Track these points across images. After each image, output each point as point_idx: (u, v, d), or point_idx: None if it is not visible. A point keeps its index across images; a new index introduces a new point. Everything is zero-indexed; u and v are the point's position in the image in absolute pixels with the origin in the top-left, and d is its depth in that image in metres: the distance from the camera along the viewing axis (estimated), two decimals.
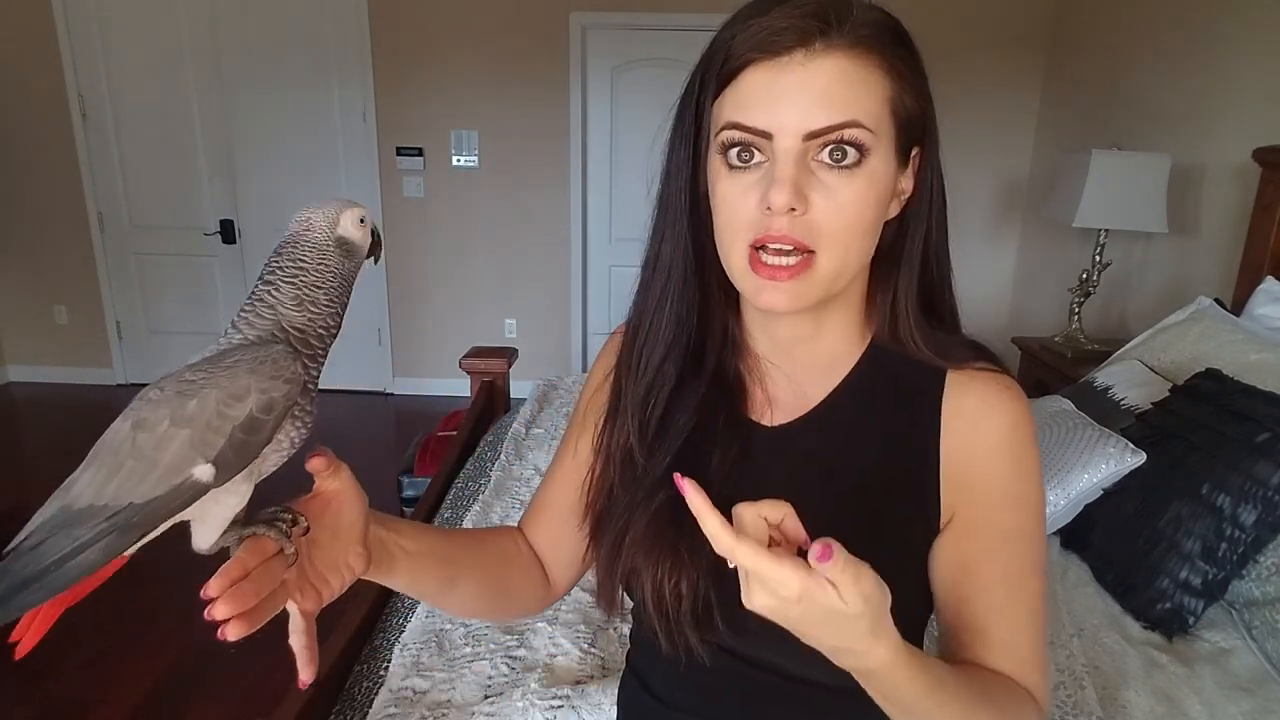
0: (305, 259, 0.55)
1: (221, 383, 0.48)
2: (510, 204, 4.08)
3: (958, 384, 0.64)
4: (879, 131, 0.55)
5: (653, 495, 0.64)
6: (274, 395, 0.49)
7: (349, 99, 3.95)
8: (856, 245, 0.58)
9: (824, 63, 0.54)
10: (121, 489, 0.47)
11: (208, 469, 0.48)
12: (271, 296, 0.54)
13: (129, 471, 0.48)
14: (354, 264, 0.58)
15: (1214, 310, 1.87)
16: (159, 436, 0.48)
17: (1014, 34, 3.63)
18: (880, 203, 0.57)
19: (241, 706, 1.91)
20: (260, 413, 0.49)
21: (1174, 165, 2.39)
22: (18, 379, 4.36)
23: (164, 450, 0.48)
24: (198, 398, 0.48)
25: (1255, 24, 2.28)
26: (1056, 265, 3.38)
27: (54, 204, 4.09)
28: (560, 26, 3.82)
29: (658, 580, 0.62)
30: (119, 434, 0.49)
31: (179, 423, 0.48)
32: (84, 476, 0.49)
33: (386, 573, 0.62)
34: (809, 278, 0.57)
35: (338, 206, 0.57)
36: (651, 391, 0.67)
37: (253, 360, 0.49)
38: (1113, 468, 1.40)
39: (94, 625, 2.23)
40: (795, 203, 0.54)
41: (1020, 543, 0.63)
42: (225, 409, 0.48)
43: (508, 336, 4.24)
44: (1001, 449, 0.62)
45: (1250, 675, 1.18)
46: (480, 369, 2.36)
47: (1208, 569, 1.27)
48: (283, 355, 0.50)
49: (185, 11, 3.84)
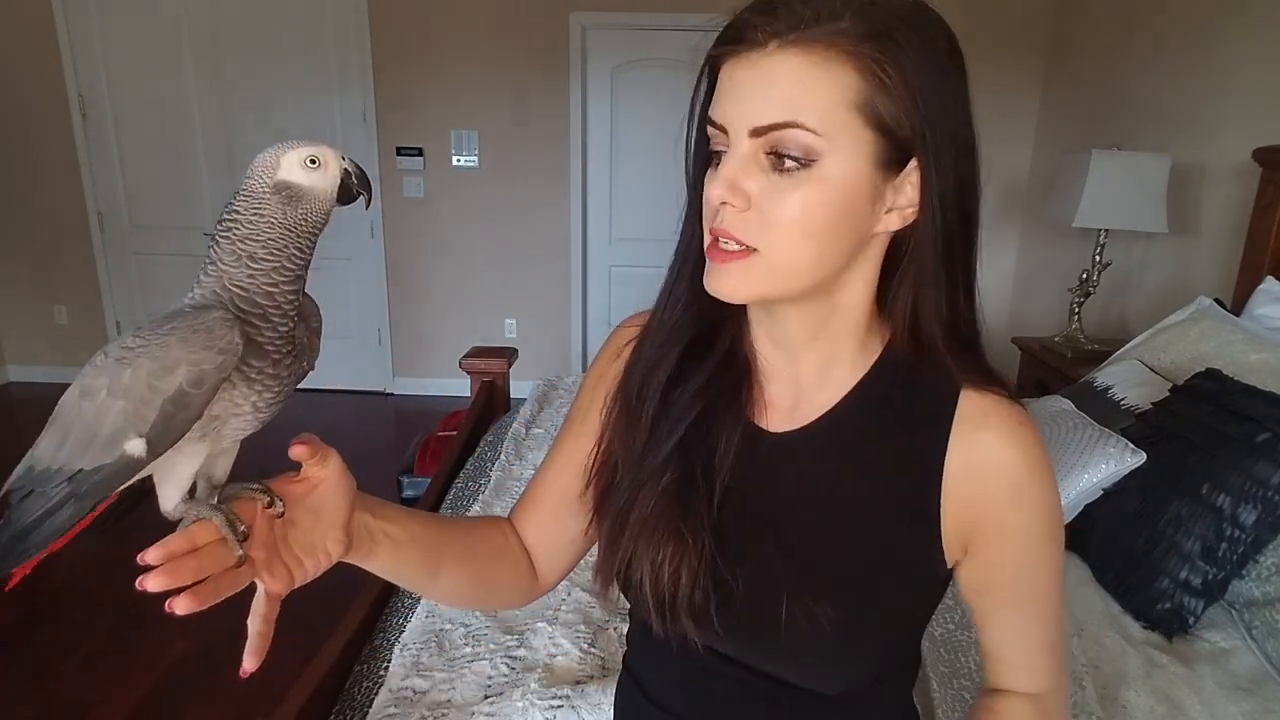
0: (239, 210, 0.51)
1: (155, 353, 0.47)
2: (510, 204, 4.08)
3: (970, 413, 0.61)
4: (831, 134, 0.52)
5: (658, 476, 0.64)
6: (205, 368, 0.46)
7: (349, 99, 3.96)
8: (805, 246, 0.55)
9: (777, 59, 0.52)
10: (71, 455, 0.48)
11: (139, 444, 0.47)
12: (213, 253, 0.51)
13: (76, 438, 0.48)
14: (301, 211, 0.52)
15: (1214, 310, 1.87)
16: (98, 406, 0.47)
17: (1014, 34, 3.63)
18: (841, 208, 0.54)
19: (241, 706, 1.91)
20: (190, 386, 0.46)
21: (1174, 165, 2.39)
22: (18, 379, 4.36)
23: (102, 421, 0.47)
24: (132, 367, 0.47)
25: (1255, 24, 2.28)
26: (1056, 265, 3.38)
27: (54, 204, 4.09)
28: (560, 26, 3.82)
29: (658, 563, 0.62)
30: (69, 398, 0.49)
31: (115, 393, 0.47)
32: (44, 438, 0.49)
33: (366, 558, 0.62)
34: (750, 268, 0.56)
35: (283, 147, 0.52)
36: (655, 368, 0.67)
37: (186, 329, 0.47)
38: (1113, 468, 1.40)
39: (94, 625, 2.23)
40: (729, 198, 0.54)
41: (1035, 570, 0.65)
42: (155, 381, 0.46)
43: (508, 336, 4.24)
44: (1018, 487, 0.61)
45: (1250, 675, 1.18)
46: (480, 369, 2.36)
47: (1208, 569, 1.27)
48: (218, 323, 0.47)
49: (185, 11, 3.84)
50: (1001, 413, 0.61)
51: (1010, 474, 0.61)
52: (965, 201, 0.57)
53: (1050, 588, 0.65)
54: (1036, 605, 0.66)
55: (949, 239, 0.57)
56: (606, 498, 0.69)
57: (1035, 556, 0.64)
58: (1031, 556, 0.64)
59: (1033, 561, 0.64)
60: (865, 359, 0.64)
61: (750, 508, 0.64)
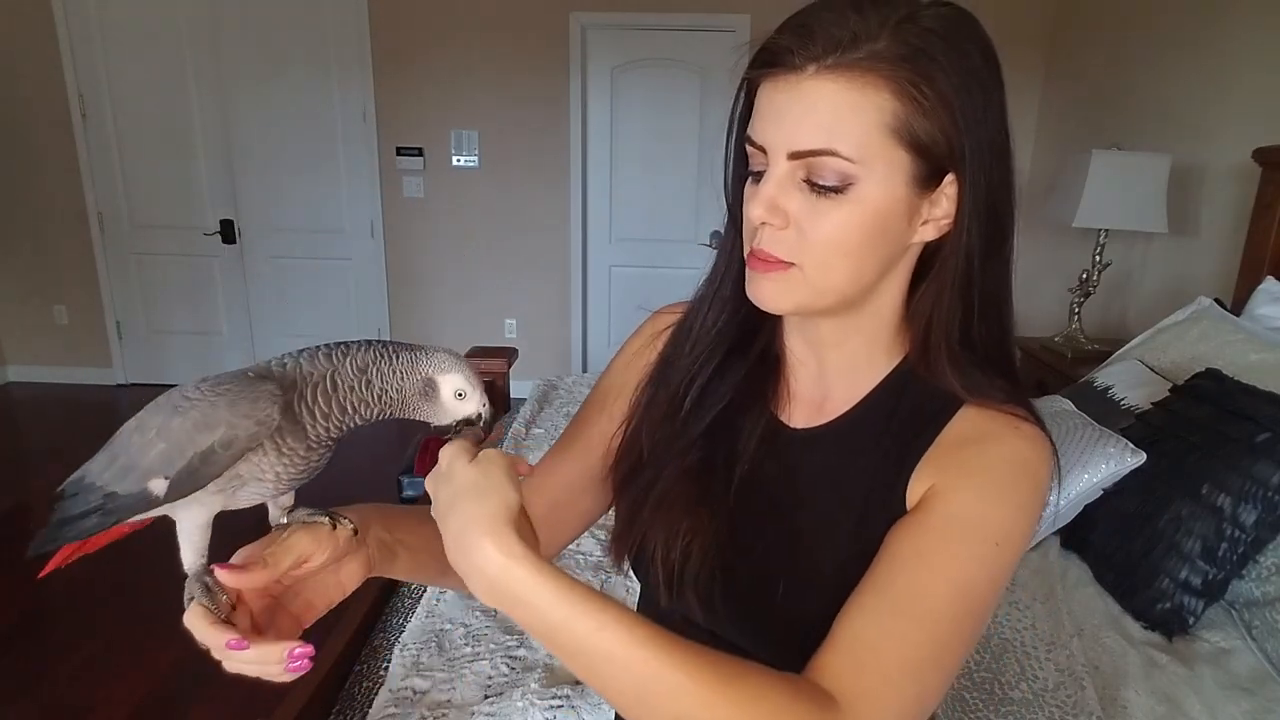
0: (387, 373, 0.55)
1: (203, 409, 0.51)
2: (510, 204, 4.08)
3: (963, 428, 0.60)
4: (866, 160, 0.53)
5: (685, 454, 0.67)
6: (238, 433, 0.51)
7: (349, 99, 3.95)
8: (842, 265, 0.57)
9: (815, 84, 0.52)
10: (112, 477, 0.53)
11: (162, 484, 0.51)
12: (331, 360, 0.55)
13: (120, 465, 0.53)
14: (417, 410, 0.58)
15: (1214, 310, 1.87)
16: (145, 442, 0.52)
17: (1013, 34, 3.63)
18: (876, 228, 0.56)
19: (241, 706, 1.91)
20: (220, 447, 0.51)
21: (1174, 165, 2.39)
22: (18, 379, 4.36)
23: (144, 455, 0.52)
24: (181, 416, 0.51)
25: (1255, 24, 2.28)
26: (1056, 265, 3.38)
27: (54, 204, 4.09)
28: (560, 26, 3.82)
29: (672, 538, 0.64)
30: (128, 428, 0.54)
31: (163, 435, 0.51)
32: (100, 455, 0.55)
33: (386, 570, 0.65)
34: (790, 281, 0.58)
35: (459, 363, 0.58)
36: (699, 362, 0.69)
37: (236, 394, 0.51)
38: (1113, 468, 1.40)
39: (94, 625, 2.23)
40: (769, 218, 0.56)
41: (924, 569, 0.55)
42: (195, 434, 0.51)
43: (508, 336, 4.23)
44: (987, 472, 0.57)
45: (1250, 675, 1.18)
46: (480, 369, 2.36)
47: (1208, 569, 1.27)
48: (265, 396, 0.51)
49: (185, 11, 3.84)
50: (1006, 420, 0.59)
51: (982, 460, 0.58)
52: (999, 210, 0.58)
53: (933, 600, 0.54)
54: (900, 603, 0.54)
55: (982, 249, 0.58)
56: (629, 478, 0.71)
57: (936, 556, 0.55)
58: (931, 553, 0.55)
59: (929, 558, 0.55)
60: (888, 363, 0.65)
61: (764, 497, 0.66)
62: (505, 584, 0.48)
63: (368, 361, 0.55)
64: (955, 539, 0.56)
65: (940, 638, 0.53)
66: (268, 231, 4.11)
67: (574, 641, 0.48)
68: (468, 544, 0.49)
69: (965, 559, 0.55)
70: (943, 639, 0.53)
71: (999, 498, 0.57)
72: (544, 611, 0.48)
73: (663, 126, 3.95)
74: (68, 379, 4.34)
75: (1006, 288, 0.62)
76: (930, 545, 0.56)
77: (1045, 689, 1.14)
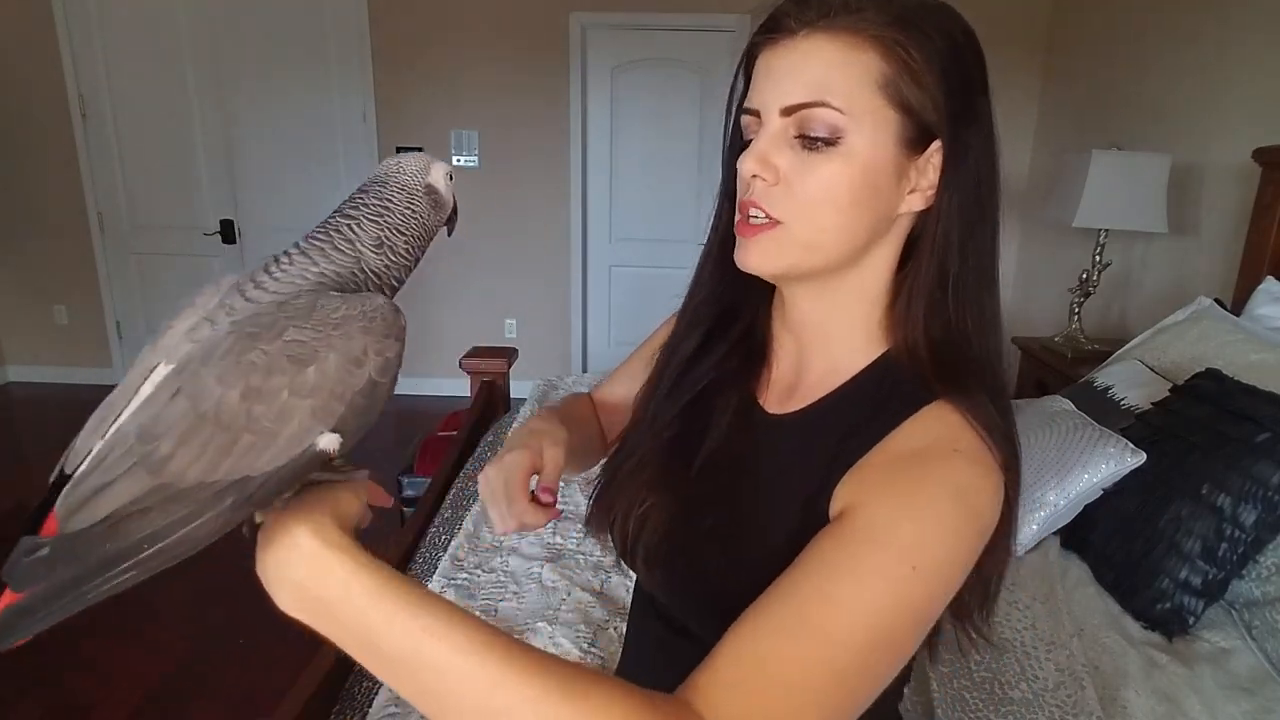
0: (392, 200, 0.53)
1: (337, 344, 0.45)
2: (510, 204, 4.08)
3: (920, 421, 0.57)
4: (855, 113, 0.54)
5: (663, 429, 0.70)
6: (389, 356, 0.47)
7: (349, 99, 3.95)
8: (830, 220, 0.57)
9: (808, 44, 0.55)
10: (239, 464, 0.43)
11: (333, 438, 0.45)
12: (352, 232, 0.51)
13: (246, 445, 0.43)
14: (436, 218, 0.55)
15: (1214, 310, 1.87)
16: (279, 408, 0.43)
17: (1012, 34, 3.63)
18: (865, 183, 0.56)
19: (241, 706, 1.91)
20: (379, 376, 0.46)
21: (1174, 165, 2.39)
22: (18, 379, 4.36)
23: (286, 422, 0.43)
24: (315, 364, 0.44)
25: (1255, 24, 2.28)
26: (1056, 265, 3.38)
27: (54, 204, 4.09)
28: (560, 26, 3.82)
29: (634, 504, 0.67)
30: (226, 404, 0.43)
31: (299, 393, 0.44)
32: (184, 451, 0.42)
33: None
34: (777, 240, 0.58)
35: (429, 157, 0.55)
36: (680, 344, 0.72)
37: (362, 316, 0.46)
38: (1113, 468, 1.40)
39: (94, 625, 2.23)
40: (760, 170, 0.57)
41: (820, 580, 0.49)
42: (347, 376, 0.45)
43: (508, 336, 4.24)
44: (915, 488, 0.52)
45: (1250, 675, 1.18)
46: (480, 369, 2.36)
47: (1208, 569, 1.27)
48: (390, 310, 0.47)
49: (185, 11, 3.84)
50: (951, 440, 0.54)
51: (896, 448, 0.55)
52: (981, 184, 0.59)
53: (835, 620, 0.47)
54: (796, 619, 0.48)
55: (962, 221, 0.58)
56: (612, 459, 0.75)
57: (844, 572, 0.49)
58: (840, 568, 0.49)
59: (836, 574, 0.49)
60: (868, 356, 0.64)
61: (724, 477, 0.66)
62: (316, 581, 0.42)
63: (382, 213, 0.52)
64: (867, 556, 0.49)
65: (839, 665, 0.46)
66: (268, 231, 4.11)
67: (394, 648, 0.42)
68: (272, 536, 0.44)
69: (876, 579, 0.48)
70: (842, 667, 0.46)
71: (921, 518, 0.51)
72: (359, 612, 0.42)
73: (663, 126, 3.96)
74: (68, 379, 4.34)
75: (989, 272, 0.61)
76: (839, 560, 0.50)
77: (1045, 689, 1.14)
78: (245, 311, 0.47)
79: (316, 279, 0.49)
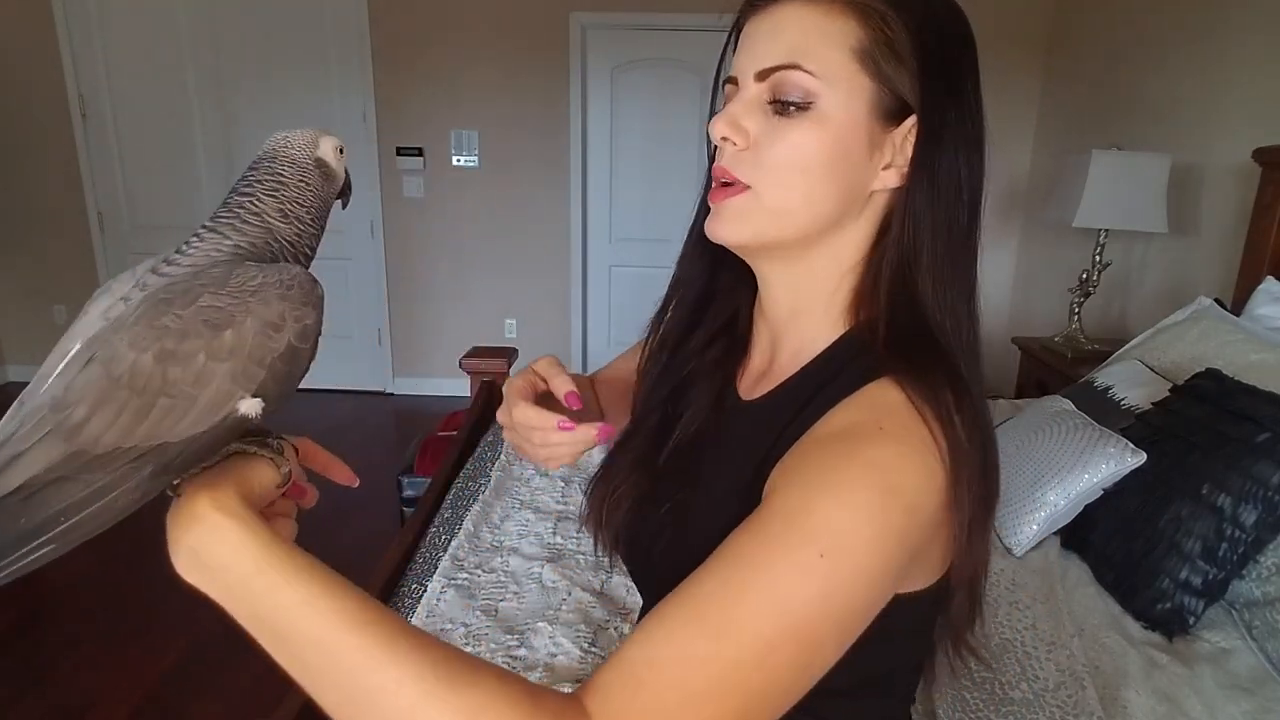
0: (285, 174, 0.53)
1: (255, 309, 0.45)
2: (510, 204, 4.08)
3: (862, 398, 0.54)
4: (829, 78, 0.54)
5: (649, 415, 0.72)
6: (307, 323, 0.47)
7: (349, 99, 3.95)
8: (800, 185, 0.56)
9: (787, 10, 0.55)
10: (153, 429, 0.42)
11: (255, 403, 0.45)
12: (255, 205, 0.52)
13: (164, 409, 0.42)
14: (329, 190, 0.56)
15: (1214, 310, 1.87)
16: (196, 372, 0.43)
17: (1013, 34, 3.63)
18: (835, 149, 0.55)
19: (242, 706, 1.91)
20: (298, 341, 0.46)
21: (1174, 165, 2.39)
22: (18, 379, 4.36)
23: (204, 386, 0.43)
24: (233, 328, 0.44)
25: (1255, 24, 2.28)
26: (1056, 265, 3.38)
27: (54, 204, 4.09)
28: (560, 26, 3.82)
29: (612, 486, 0.69)
30: (140, 368, 0.42)
31: (217, 356, 0.43)
32: (99, 416, 0.41)
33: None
34: (744, 207, 0.58)
35: (316, 130, 0.56)
36: (667, 330, 0.73)
37: (280, 285, 0.46)
38: (1113, 468, 1.40)
39: (94, 625, 2.23)
40: (729, 133, 0.57)
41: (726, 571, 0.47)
42: (266, 340, 0.45)
43: (508, 336, 4.23)
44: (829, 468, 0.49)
45: (1250, 675, 1.18)
46: (480, 369, 2.36)
47: (1208, 569, 1.27)
48: (307, 278, 0.48)
49: (185, 11, 3.84)
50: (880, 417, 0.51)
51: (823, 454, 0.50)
52: (962, 172, 0.56)
53: (739, 612, 0.45)
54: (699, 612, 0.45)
55: (938, 210, 0.56)
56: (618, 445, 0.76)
57: (751, 561, 0.46)
58: (748, 556, 0.47)
59: (743, 563, 0.47)
60: (832, 336, 0.62)
61: (691, 463, 0.67)
62: (207, 548, 0.42)
63: (277, 188, 0.53)
64: (775, 540, 0.47)
65: (745, 660, 0.44)
66: None
67: (276, 620, 0.41)
68: (178, 504, 0.44)
69: (783, 566, 0.45)
70: (748, 662, 0.44)
71: (835, 501, 0.47)
72: (244, 580, 0.41)
73: (663, 126, 3.96)
74: None
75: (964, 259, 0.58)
76: (750, 549, 0.47)
77: (1046, 689, 1.14)
78: (159, 285, 0.46)
79: (231, 251, 0.49)
